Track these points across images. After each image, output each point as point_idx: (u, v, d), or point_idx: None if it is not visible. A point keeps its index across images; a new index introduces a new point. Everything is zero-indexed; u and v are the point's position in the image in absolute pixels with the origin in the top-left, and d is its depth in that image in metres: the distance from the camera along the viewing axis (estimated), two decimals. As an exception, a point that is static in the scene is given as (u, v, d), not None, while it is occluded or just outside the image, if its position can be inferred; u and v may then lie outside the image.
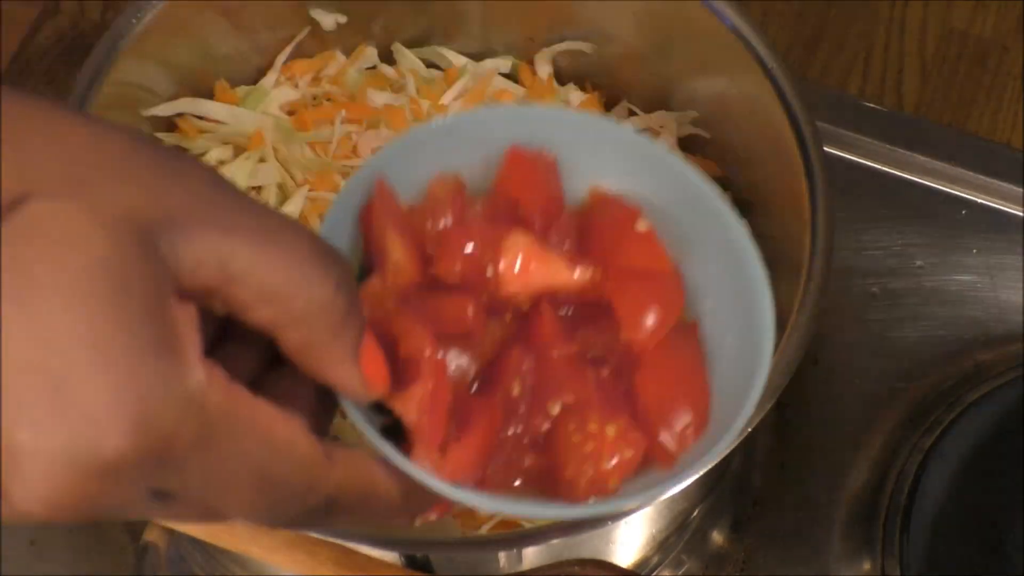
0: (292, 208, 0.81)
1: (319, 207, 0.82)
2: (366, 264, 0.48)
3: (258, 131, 0.83)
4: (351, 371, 0.42)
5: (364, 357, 0.42)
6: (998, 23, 1.04)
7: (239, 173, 0.82)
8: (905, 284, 0.92)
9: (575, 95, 0.88)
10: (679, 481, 0.47)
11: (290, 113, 0.86)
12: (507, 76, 0.90)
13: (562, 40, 0.88)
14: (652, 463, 0.47)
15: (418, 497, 0.44)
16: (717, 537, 0.85)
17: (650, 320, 0.48)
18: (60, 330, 0.34)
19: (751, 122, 0.81)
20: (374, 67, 0.89)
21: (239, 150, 0.84)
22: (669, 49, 0.84)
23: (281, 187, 0.83)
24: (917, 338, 0.91)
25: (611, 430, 0.46)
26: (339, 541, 0.64)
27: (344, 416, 0.45)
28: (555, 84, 0.89)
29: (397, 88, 0.88)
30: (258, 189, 0.83)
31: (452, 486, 0.44)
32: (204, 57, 0.84)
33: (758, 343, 0.47)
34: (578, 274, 0.48)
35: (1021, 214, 0.95)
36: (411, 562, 0.67)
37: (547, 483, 0.46)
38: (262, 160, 0.83)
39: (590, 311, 0.48)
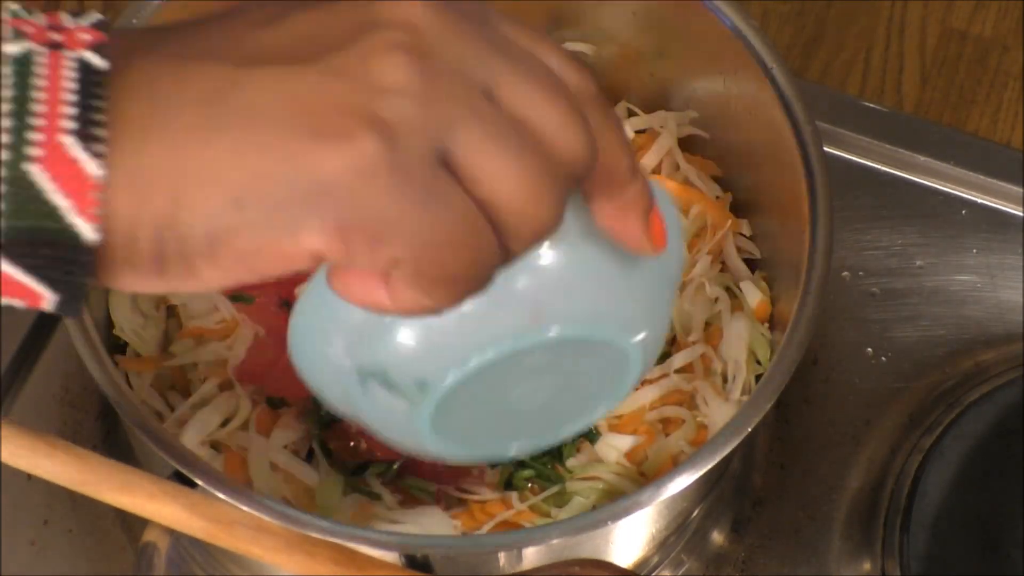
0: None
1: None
2: None
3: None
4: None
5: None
6: (998, 23, 1.04)
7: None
8: (905, 284, 0.92)
9: (575, 95, 0.88)
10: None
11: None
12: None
13: (562, 40, 0.88)
14: None
15: None
16: (717, 537, 0.85)
17: None
18: None
19: (751, 122, 0.81)
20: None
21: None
22: (669, 49, 0.84)
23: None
24: (917, 338, 0.91)
25: None
26: (339, 541, 0.64)
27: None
28: (555, 84, 0.89)
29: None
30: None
31: None
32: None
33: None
34: None
35: (1021, 214, 0.95)
36: (411, 562, 0.67)
37: None
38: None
39: None
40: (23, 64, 0.40)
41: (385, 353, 0.51)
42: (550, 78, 0.45)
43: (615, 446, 0.76)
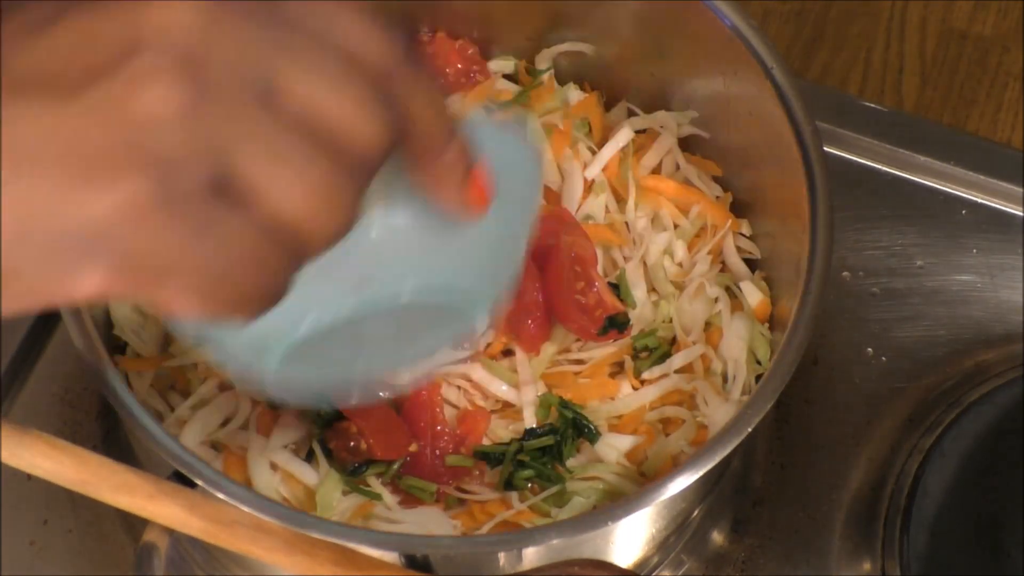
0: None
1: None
2: None
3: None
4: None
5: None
6: (998, 23, 1.05)
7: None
8: (905, 284, 0.92)
9: (574, 94, 0.88)
10: None
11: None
12: (507, 77, 0.90)
13: (562, 40, 0.88)
14: None
15: None
16: (717, 537, 0.85)
17: None
18: None
19: (751, 122, 0.81)
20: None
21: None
22: (669, 49, 0.84)
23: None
24: (917, 338, 0.91)
25: None
26: (339, 541, 0.64)
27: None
28: (555, 84, 0.89)
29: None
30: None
31: None
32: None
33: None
34: None
35: (1021, 214, 0.95)
36: (411, 562, 0.67)
37: None
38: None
39: None
40: None
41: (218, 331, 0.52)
42: (340, 60, 0.43)
43: (615, 446, 0.76)
